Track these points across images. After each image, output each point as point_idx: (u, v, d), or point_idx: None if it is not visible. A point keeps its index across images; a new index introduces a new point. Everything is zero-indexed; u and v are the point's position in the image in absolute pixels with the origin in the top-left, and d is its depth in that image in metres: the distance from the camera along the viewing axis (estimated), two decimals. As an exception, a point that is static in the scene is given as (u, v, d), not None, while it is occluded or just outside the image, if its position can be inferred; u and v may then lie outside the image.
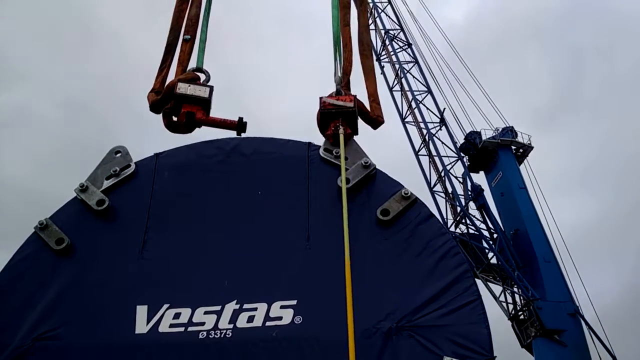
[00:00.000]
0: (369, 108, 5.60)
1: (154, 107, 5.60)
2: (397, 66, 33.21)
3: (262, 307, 4.40)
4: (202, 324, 4.35)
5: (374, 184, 5.05)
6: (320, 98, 5.48)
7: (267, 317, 4.36)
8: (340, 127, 5.31)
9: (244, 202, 5.05)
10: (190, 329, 4.32)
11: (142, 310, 4.44)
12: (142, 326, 4.37)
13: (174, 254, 4.78)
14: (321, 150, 5.26)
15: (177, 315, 4.40)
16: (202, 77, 5.85)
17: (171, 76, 5.82)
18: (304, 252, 4.69)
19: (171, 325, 4.35)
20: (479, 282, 27.24)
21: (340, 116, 5.32)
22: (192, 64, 6.07)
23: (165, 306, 4.45)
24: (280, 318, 4.33)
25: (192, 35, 6.18)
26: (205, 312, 4.40)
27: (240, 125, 5.61)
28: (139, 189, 5.14)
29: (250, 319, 4.36)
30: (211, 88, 5.62)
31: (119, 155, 5.31)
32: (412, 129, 32.42)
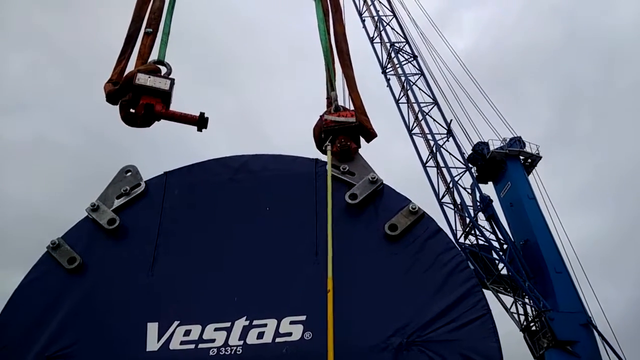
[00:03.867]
0: (360, 120, 5.55)
1: (111, 98, 5.47)
2: (403, 78, 33.29)
3: (271, 323, 4.43)
4: (213, 340, 4.38)
5: (382, 199, 5.08)
6: (321, 116, 5.54)
7: (277, 333, 4.38)
8: (329, 144, 5.32)
9: (252, 218, 5.09)
10: (200, 345, 4.35)
11: (153, 328, 4.48)
12: (153, 344, 4.41)
13: (184, 271, 4.82)
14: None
15: (187, 332, 4.43)
16: (164, 70, 5.74)
17: (130, 68, 5.67)
18: (313, 267, 4.71)
19: (182, 343, 4.39)
20: (489, 293, 27.15)
21: (342, 132, 5.37)
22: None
23: (176, 323, 4.49)
24: (290, 334, 4.35)
25: (154, 28, 6.06)
26: (216, 329, 4.43)
27: (201, 121, 5.48)
28: (149, 207, 5.20)
29: (260, 335, 4.38)
30: (172, 80, 5.52)
31: (129, 174, 5.38)
32: (420, 141, 32.41)
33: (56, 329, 4.50)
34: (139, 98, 5.34)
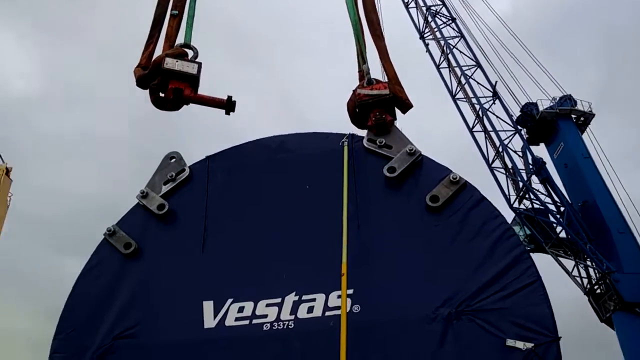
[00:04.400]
0: (395, 91, 5.48)
1: (141, 82, 5.60)
2: (442, 42, 32.38)
3: (320, 297, 4.54)
4: (265, 316, 4.54)
5: (421, 170, 5.06)
6: (354, 90, 5.51)
7: (326, 307, 4.50)
8: (345, 140, 5.32)
9: (293, 196, 5.19)
10: (254, 321, 4.53)
11: (208, 306, 4.68)
12: (209, 321, 4.62)
13: (233, 250, 4.99)
14: (365, 141, 5.33)
15: (241, 309, 4.61)
16: (190, 53, 5.81)
17: (158, 52, 5.76)
18: (356, 242, 4.78)
19: (236, 319, 4.58)
20: (549, 257, 26.50)
21: (377, 105, 5.35)
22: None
23: (230, 301, 4.68)
24: (338, 307, 4.44)
25: (180, 10, 6.11)
26: (267, 305, 4.59)
27: (229, 104, 5.57)
28: (194, 191, 5.38)
29: (310, 309, 4.51)
30: (199, 64, 5.60)
31: (173, 160, 5.57)
32: (464, 106, 31.53)
33: (119, 311, 4.77)
34: (167, 82, 5.45)
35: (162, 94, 5.55)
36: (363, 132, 5.48)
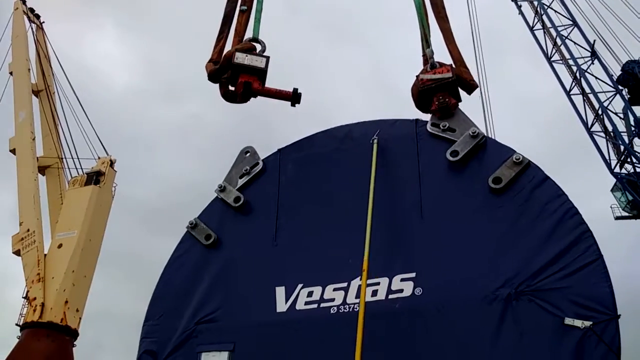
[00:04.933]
0: (459, 72, 5.51)
1: (213, 77, 5.89)
2: (535, 3, 30.76)
3: (384, 281, 4.76)
4: (332, 300, 4.84)
5: (485, 152, 5.08)
6: (417, 76, 5.56)
7: (389, 290, 4.71)
8: (375, 137, 5.40)
9: (359, 184, 5.39)
10: (322, 305, 4.84)
11: (280, 291, 5.06)
12: (282, 305, 4.99)
13: (302, 238, 5.31)
14: (429, 126, 5.40)
15: (310, 294, 4.94)
16: (258, 47, 6.03)
17: (228, 47, 6.01)
18: (419, 226, 4.93)
19: (306, 303, 4.91)
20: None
21: (440, 89, 5.38)
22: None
23: (300, 286, 5.01)
24: (401, 290, 4.66)
25: (248, 6, 6.35)
26: (334, 289, 4.88)
27: (294, 96, 5.76)
28: (268, 183, 5.75)
29: (374, 292, 4.74)
30: (267, 58, 5.81)
31: (248, 154, 5.96)
32: (561, 68, 29.92)
33: (201, 298, 5.27)
34: (237, 76, 5.74)
35: (231, 88, 5.88)
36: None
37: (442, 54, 5.83)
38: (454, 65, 5.61)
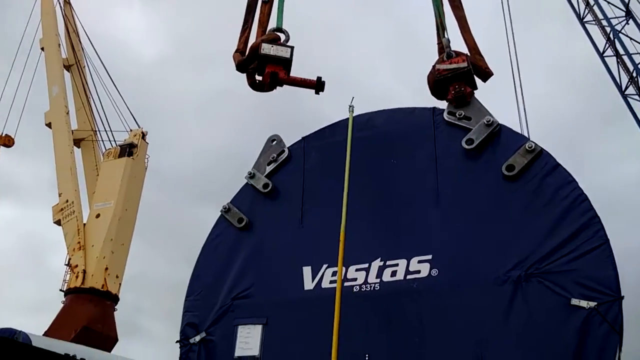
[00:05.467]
0: (474, 60, 5.69)
1: (240, 67, 6.17)
2: (566, -39, 29.81)
3: (402, 262, 5.13)
4: (355, 279, 5.24)
5: (499, 140, 5.32)
6: (434, 66, 5.77)
7: (407, 271, 5.08)
8: (351, 106, 5.64)
9: (380, 170, 5.72)
10: (345, 284, 5.23)
11: (307, 271, 5.48)
12: (309, 283, 5.42)
13: (327, 221, 5.67)
14: (445, 114, 5.64)
15: (334, 273, 5.34)
16: (282, 37, 6.25)
17: (252, 36, 6.27)
18: (436, 211, 5.25)
19: (331, 282, 5.32)
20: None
21: (456, 79, 5.59)
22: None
23: (325, 266, 5.42)
24: (418, 272, 5.02)
25: None
26: (357, 270, 5.28)
27: (318, 84, 6.01)
28: (293, 170, 6.12)
29: (394, 273, 5.12)
30: (292, 48, 6.05)
31: (274, 142, 6.32)
32: (593, 29, 29.17)
33: (236, 276, 5.74)
34: (264, 66, 6.03)
35: (258, 77, 6.17)
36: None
37: (457, 43, 6.03)
38: (469, 54, 5.80)
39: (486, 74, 5.76)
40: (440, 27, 6.10)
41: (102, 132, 29.17)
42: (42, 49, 30.68)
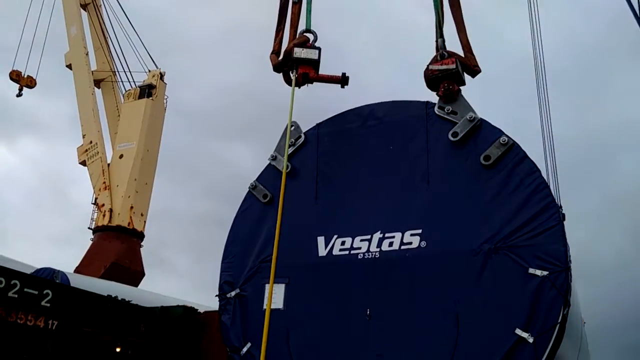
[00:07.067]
0: (465, 58, 6.63)
1: (277, 69, 7.28)
2: None
3: (398, 235, 6.32)
4: (359, 248, 6.46)
5: (480, 133, 6.36)
6: (427, 65, 6.70)
7: (402, 243, 6.28)
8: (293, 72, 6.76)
9: (381, 156, 6.81)
10: (352, 252, 6.47)
11: (321, 240, 6.71)
12: (322, 250, 6.66)
13: (337, 198, 6.86)
14: (436, 108, 6.66)
15: (343, 243, 6.57)
16: (311, 37, 7.27)
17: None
18: (426, 193, 6.39)
19: (340, 250, 6.56)
20: None
21: (446, 78, 6.55)
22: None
23: (335, 236, 6.64)
24: (410, 243, 6.23)
25: None
26: (361, 240, 6.49)
27: (343, 79, 7.09)
28: (309, 153, 7.23)
29: (391, 244, 6.33)
30: (319, 49, 7.13)
31: (293, 128, 7.38)
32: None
33: (262, 243, 6.99)
34: (296, 67, 7.12)
35: (292, 76, 7.21)
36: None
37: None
38: (462, 52, 6.73)
39: (474, 72, 6.71)
40: (438, 27, 6.96)
41: (120, 73, 29.97)
42: (57, -12, 30.91)
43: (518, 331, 5.41)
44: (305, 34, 7.35)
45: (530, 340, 5.34)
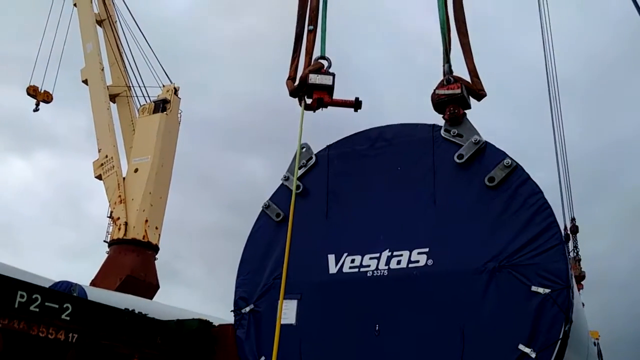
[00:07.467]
0: (471, 83, 6.87)
1: (293, 94, 7.55)
2: None
3: (405, 253, 6.56)
4: (368, 266, 6.70)
5: (484, 155, 6.60)
6: (435, 89, 6.97)
7: (409, 261, 6.51)
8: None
9: (389, 176, 7.08)
10: (361, 269, 6.72)
11: (331, 258, 6.96)
12: (332, 268, 6.91)
13: (347, 217, 7.13)
14: (442, 131, 6.91)
15: (353, 261, 6.82)
16: (325, 64, 7.53)
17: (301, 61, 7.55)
18: (432, 212, 6.64)
19: (350, 267, 6.81)
20: None
21: (451, 102, 6.82)
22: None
23: (345, 254, 6.89)
24: (418, 261, 6.46)
25: (314, 25, 7.70)
26: (370, 258, 6.73)
27: (356, 104, 7.37)
28: (319, 173, 7.50)
29: (399, 262, 6.57)
30: (333, 75, 7.40)
31: (304, 150, 7.67)
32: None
33: (275, 260, 7.26)
34: (312, 93, 7.43)
35: (307, 101, 7.51)
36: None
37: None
38: (468, 77, 7.00)
39: (480, 95, 6.97)
40: (445, 53, 7.22)
41: (135, 88, 30.63)
42: (75, 5, 31.73)
43: (521, 346, 5.62)
44: (320, 60, 7.65)
45: (533, 355, 5.55)
